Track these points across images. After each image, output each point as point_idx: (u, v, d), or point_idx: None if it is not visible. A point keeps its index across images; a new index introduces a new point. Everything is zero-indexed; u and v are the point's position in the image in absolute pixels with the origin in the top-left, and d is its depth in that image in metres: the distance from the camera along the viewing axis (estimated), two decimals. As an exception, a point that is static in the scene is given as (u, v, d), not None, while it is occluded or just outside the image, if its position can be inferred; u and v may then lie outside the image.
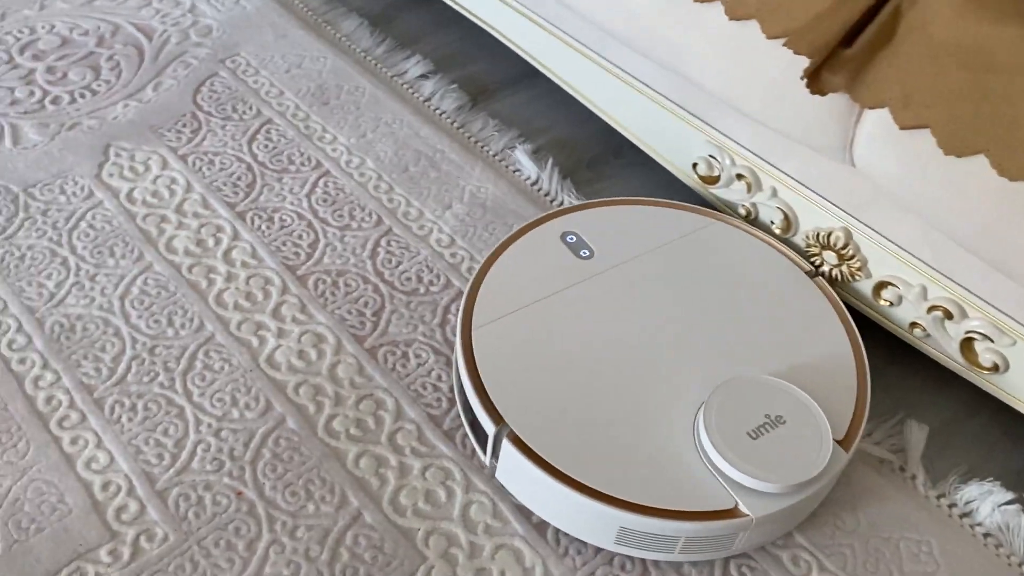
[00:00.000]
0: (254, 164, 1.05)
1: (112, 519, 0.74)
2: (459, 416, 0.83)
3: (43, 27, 1.20)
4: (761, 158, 0.88)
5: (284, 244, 0.96)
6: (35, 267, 0.92)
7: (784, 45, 0.69)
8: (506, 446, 0.73)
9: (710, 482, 0.71)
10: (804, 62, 0.68)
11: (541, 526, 0.76)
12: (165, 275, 0.92)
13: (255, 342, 0.87)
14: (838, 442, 0.74)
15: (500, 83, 1.21)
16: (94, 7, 1.24)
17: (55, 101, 1.10)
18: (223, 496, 0.76)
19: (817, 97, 0.70)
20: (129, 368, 0.84)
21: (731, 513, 0.70)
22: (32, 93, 1.11)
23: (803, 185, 0.85)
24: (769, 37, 0.71)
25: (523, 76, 1.21)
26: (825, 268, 0.88)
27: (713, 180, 0.94)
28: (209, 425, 0.81)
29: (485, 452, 0.77)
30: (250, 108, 1.11)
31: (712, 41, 0.76)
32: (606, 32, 0.91)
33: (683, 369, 0.78)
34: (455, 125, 1.12)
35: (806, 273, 0.86)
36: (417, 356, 0.88)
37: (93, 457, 0.78)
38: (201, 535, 0.74)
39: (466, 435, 0.81)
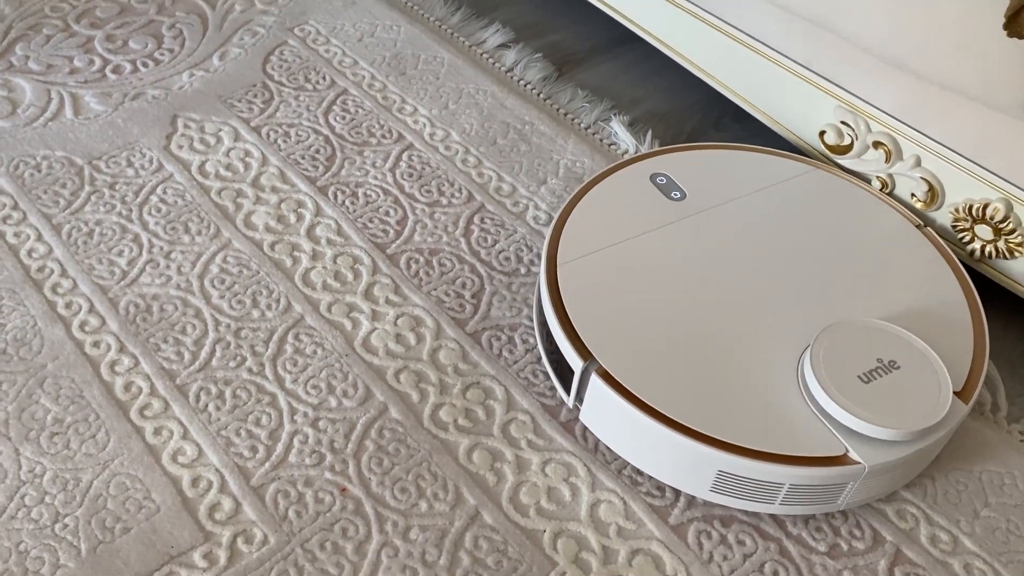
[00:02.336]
0: (332, 136, 0.97)
1: (205, 518, 0.66)
2: (577, 407, 0.75)
3: (99, -5, 1.13)
4: (904, 123, 0.79)
5: (371, 221, 0.89)
6: (105, 244, 0.84)
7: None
8: (594, 382, 0.68)
9: (817, 427, 0.66)
10: (991, 6, 0.60)
11: (680, 528, 0.68)
12: (246, 253, 0.85)
13: (348, 325, 0.80)
14: (956, 394, 0.67)
15: (587, 51, 1.13)
16: (151, -26, 1.17)
17: (116, 70, 1.03)
18: (326, 493, 0.68)
19: (1005, 48, 0.62)
20: (213, 352, 0.76)
21: (841, 460, 0.64)
22: (92, 62, 1.03)
23: (955, 152, 0.77)
24: (951, -24, 0.63)
25: (612, 43, 1.13)
26: (976, 244, 0.79)
27: (844, 149, 0.85)
28: (305, 415, 0.73)
29: (569, 392, 0.71)
30: (323, 78, 1.04)
31: (876, -15, 0.68)
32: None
33: (784, 311, 0.73)
34: (542, 96, 1.05)
35: (914, 225, 0.81)
36: (524, 342, 0.80)
37: (179, 449, 0.70)
38: (304, 536, 0.66)
39: (587, 428, 0.73)
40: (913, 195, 0.82)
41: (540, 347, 0.76)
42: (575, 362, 0.69)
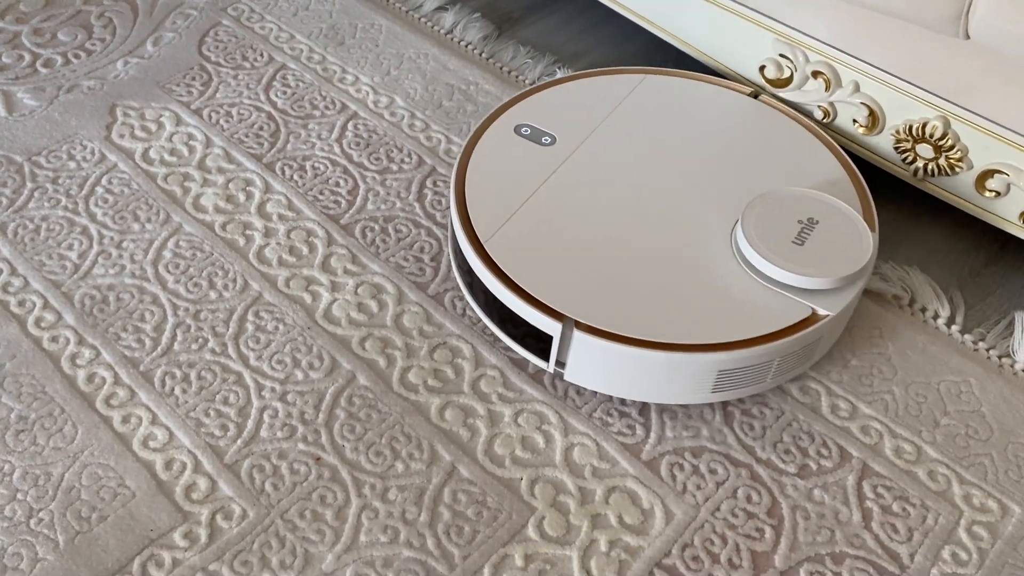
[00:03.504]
0: (274, 112, 0.96)
1: (182, 499, 0.66)
2: (558, 370, 0.76)
3: (22, -11, 1.10)
4: (841, 50, 0.80)
5: (321, 193, 0.88)
6: (53, 239, 0.83)
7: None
8: (578, 337, 0.68)
9: (780, 299, 0.70)
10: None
11: (653, 463, 0.69)
12: (198, 235, 0.84)
13: (308, 298, 0.79)
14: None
15: (525, 8, 1.12)
16: (74, -36, 1.14)
17: (48, 64, 1.00)
18: (301, 464, 0.68)
19: (928, -40, 0.63)
20: (174, 336, 0.76)
21: (812, 319, 0.69)
22: (21, 57, 1.01)
23: (892, 75, 0.78)
24: None
25: None
26: (919, 164, 0.81)
27: (784, 82, 0.86)
28: (272, 390, 0.73)
29: (548, 359, 0.71)
30: (261, 55, 1.02)
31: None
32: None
33: (694, 207, 0.76)
34: (484, 56, 1.04)
35: (749, 95, 0.86)
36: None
37: (150, 435, 0.70)
38: (283, 508, 0.66)
39: (556, 376, 0.74)
40: (855, 121, 0.83)
41: (495, 328, 0.75)
42: (552, 328, 0.69)
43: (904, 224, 0.89)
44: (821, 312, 0.69)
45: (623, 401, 0.73)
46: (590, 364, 0.70)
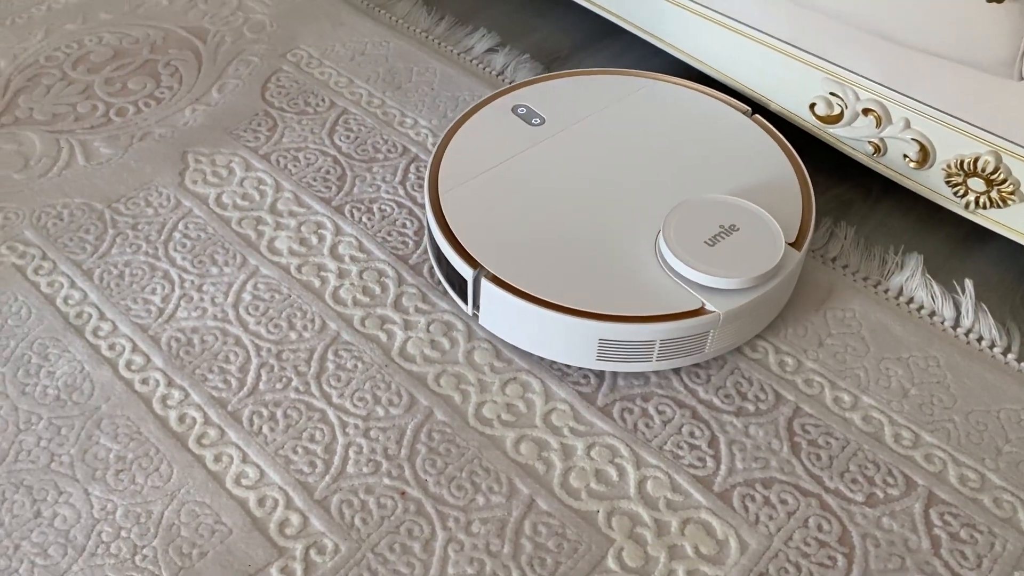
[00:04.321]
0: (339, 156, 1.00)
1: (276, 535, 0.69)
2: (610, 392, 0.79)
3: (91, 40, 1.15)
4: (891, 88, 0.83)
5: (389, 235, 0.92)
6: (136, 283, 0.87)
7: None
8: (485, 286, 0.77)
9: (676, 289, 0.76)
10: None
11: (725, 494, 0.72)
12: (275, 278, 0.87)
13: (383, 336, 0.83)
14: (791, 244, 0.80)
15: (574, 47, 1.16)
16: (138, 15, 1.19)
17: (120, 113, 1.05)
18: (387, 498, 0.72)
19: (983, 12, 0.66)
20: (259, 377, 0.79)
21: (699, 312, 0.75)
22: (95, 107, 1.06)
23: (942, 112, 0.81)
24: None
25: (599, 36, 1.17)
26: (971, 196, 0.83)
27: (835, 119, 0.89)
28: (356, 426, 0.76)
29: (467, 302, 0.81)
30: (322, 100, 1.06)
31: (855, -37, 0.72)
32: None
33: (639, 201, 0.84)
34: (536, 96, 1.08)
35: (743, 113, 0.92)
36: (553, 333, 0.83)
37: (242, 472, 0.73)
38: (373, 541, 0.69)
39: (624, 411, 0.77)
40: (906, 156, 0.86)
41: (438, 272, 0.84)
42: (466, 272, 0.78)
43: (955, 252, 0.91)
44: (709, 308, 0.75)
45: (692, 433, 0.76)
46: (497, 313, 0.79)
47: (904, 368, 0.80)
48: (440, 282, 0.79)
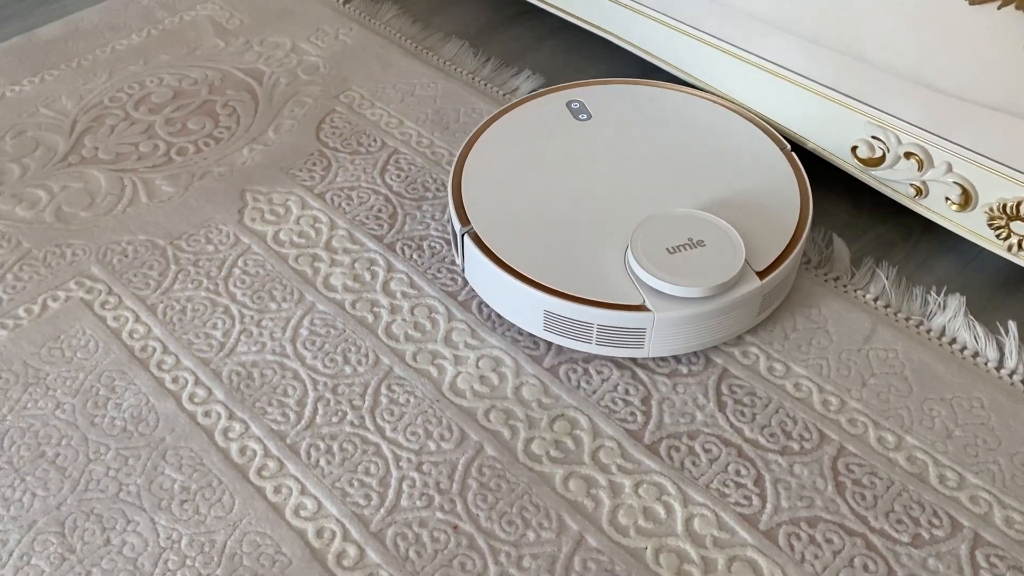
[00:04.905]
0: (391, 195, 1.03)
1: (334, 566, 0.72)
2: (657, 429, 0.81)
3: (152, 81, 1.20)
4: (933, 133, 0.85)
5: (439, 271, 0.95)
6: (198, 318, 0.90)
7: None
8: (468, 243, 0.86)
9: (626, 284, 0.82)
10: (1011, 26, 0.66)
11: (771, 532, 0.73)
12: (330, 313, 0.91)
13: (434, 371, 0.85)
14: (758, 273, 0.83)
15: (616, 90, 1.19)
16: (196, 56, 1.24)
17: (181, 152, 1.09)
18: (440, 532, 0.74)
19: (1026, 60, 0.68)
20: (316, 410, 0.82)
21: (638, 308, 0.81)
22: (156, 147, 1.10)
23: (984, 156, 0.82)
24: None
25: (644, 77, 1.19)
26: (1013, 239, 0.85)
27: (876, 162, 0.91)
28: (409, 460, 0.79)
29: (458, 256, 0.91)
30: (374, 140, 1.10)
31: (899, 15, 0.74)
32: (752, 18, 0.89)
33: (636, 201, 0.90)
34: (580, 136, 1.11)
35: (779, 146, 0.96)
36: (599, 372, 0.85)
37: (300, 504, 0.76)
38: (427, 574, 0.71)
39: (671, 448, 0.79)
40: (948, 199, 0.88)
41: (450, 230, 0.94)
42: (458, 227, 0.88)
43: (998, 293, 0.92)
44: (648, 306, 0.81)
45: (738, 471, 0.77)
46: (475, 270, 0.88)
47: (948, 409, 0.81)
48: (610, 409, 0.84)
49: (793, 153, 0.95)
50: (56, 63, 1.24)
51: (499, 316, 0.90)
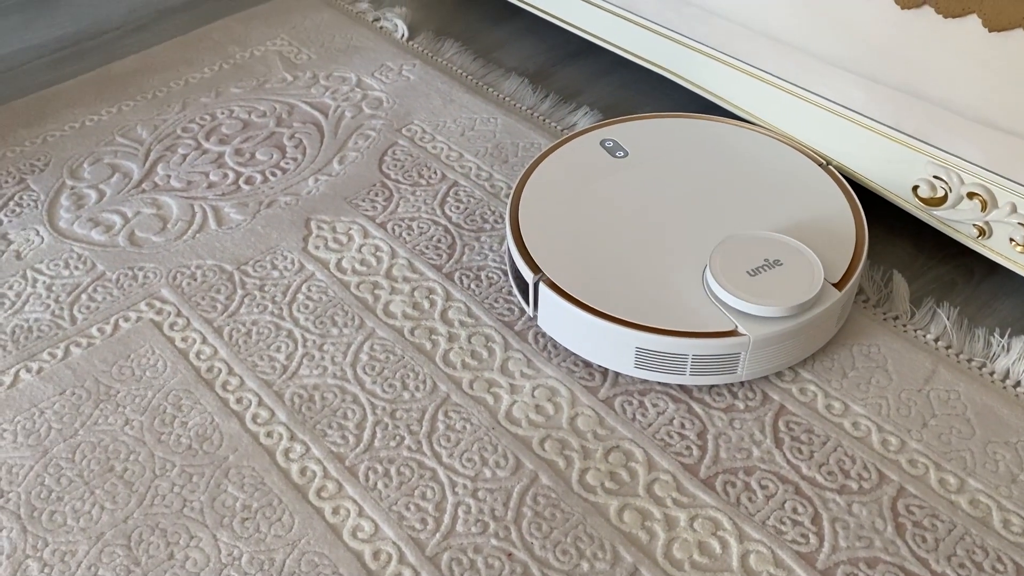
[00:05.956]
0: (450, 226, 1.05)
1: (390, 588, 0.73)
2: (713, 464, 0.80)
3: (222, 112, 1.25)
4: (997, 174, 0.84)
5: (496, 301, 0.96)
6: (263, 341, 0.93)
7: None
8: (543, 290, 0.86)
9: (713, 310, 0.83)
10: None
11: (828, 572, 0.72)
12: (389, 340, 0.93)
13: (490, 399, 0.87)
14: (834, 284, 0.85)
15: (674, 127, 1.20)
16: (266, 90, 1.29)
17: (249, 181, 1.13)
18: (495, 559, 0.74)
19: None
20: (374, 434, 0.84)
21: (731, 333, 0.81)
22: (226, 175, 1.14)
23: (1050, 197, 0.82)
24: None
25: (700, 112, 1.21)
26: (1081, 282, 0.83)
27: (938, 202, 0.91)
28: (464, 486, 0.79)
29: (528, 303, 0.91)
30: (435, 173, 1.13)
31: (965, 56, 0.74)
32: (811, 57, 0.90)
33: (701, 230, 0.91)
34: (637, 171, 1.12)
35: (817, 164, 0.98)
36: (655, 405, 0.86)
37: (358, 526, 0.77)
38: (481, 600, 0.72)
39: (727, 484, 0.79)
40: (1012, 240, 0.87)
41: (509, 273, 0.95)
42: (528, 276, 0.88)
43: (1063, 338, 0.90)
44: (741, 330, 0.81)
45: (795, 509, 0.77)
46: (552, 315, 0.88)
47: (1012, 453, 0.80)
48: (665, 443, 0.85)
49: (831, 167, 0.97)
50: (132, 94, 1.30)
51: (555, 346, 0.91)
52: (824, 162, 0.98)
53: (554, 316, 0.88)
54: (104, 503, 0.79)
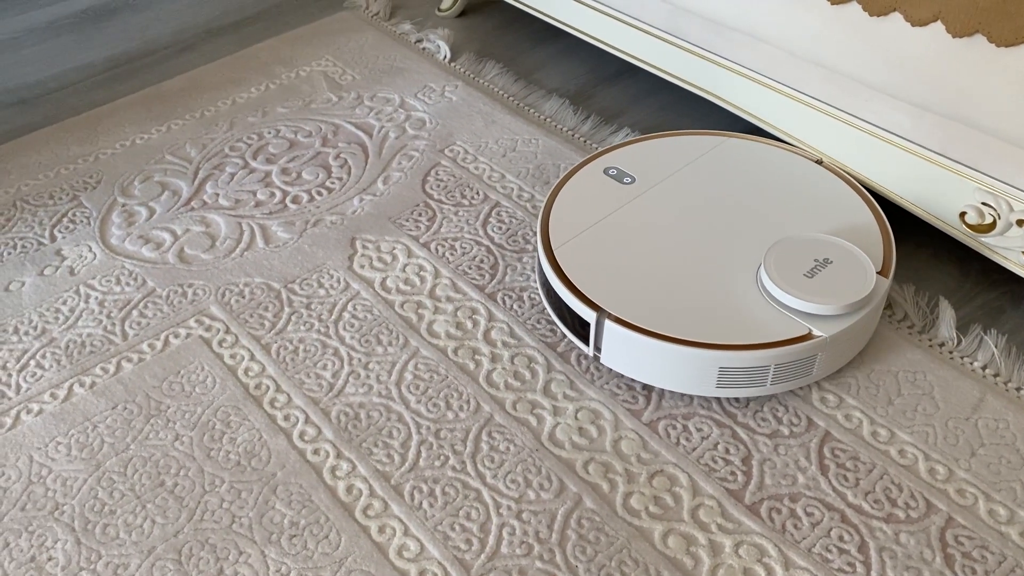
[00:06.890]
0: (492, 246, 1.06)
1: (435, 608, 0.73)
2: (758, 490, 0.80)
3: (269, 132, 1.27)
4: (1048, 201, 0.84)
5: (538, 322, 0.97)
6: (310, 359, 0.94)
7: None
8: (608, 326, 0.86)
9: (783, 318, 0.85)
10: None
11: (876, 602, 0.72)
12: (433, 359, 0.94)
13: (533, 421, 0.87)
14: (878, 272, 0.88)
15: (715, 149, 1.21)
16: (311, 110, 1.31)
17: (295, 200, 1.15)
18: (539, 581, 0.75)
19: None
20: (419, 453, 0.85)
21: (807, 337, 0.83)
22: (273, 195, 1.16)
23: (1103, 226, 0.81)
24: None
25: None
26: None
27: (987, 228, 0.90)
28: (509, 508, 0.80)
29: (588, 343, 0.89)
30: (477, 193, 1.14)
31: (1016, 83, 0.74)
32: (857, 83, 0.90)
33: (736, 243, 0.93)
34: (678, 194, 1.13)
35: (814, 162, 1.02)
36: (699, 430, 0.86)
37: (403, 545, 0.78)
38: (526, 622, 0.72)
39: (772, 510, 0.78)
40: (1062, 268, 0.86)
41: (554, 316, 0.93)
42: (589, 316, 0.87)
43: (1115, 367, 0.89)
44: (816, 332, 0.83)
45: (841, 537, 0.76)
46: (619, 350, 0.87)
47: (1063, 484, 0.79)
48: (710, 467, 0.82)
49: (824, 162, 1.02)
50: (181, 113, 1.33)
51: (598, 368, 0.91)
52: (818, 159, 1.01)
53: (622, 351, 0.86)
54: (155, 517, 0.81)
